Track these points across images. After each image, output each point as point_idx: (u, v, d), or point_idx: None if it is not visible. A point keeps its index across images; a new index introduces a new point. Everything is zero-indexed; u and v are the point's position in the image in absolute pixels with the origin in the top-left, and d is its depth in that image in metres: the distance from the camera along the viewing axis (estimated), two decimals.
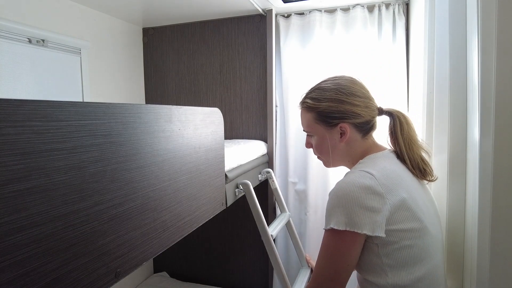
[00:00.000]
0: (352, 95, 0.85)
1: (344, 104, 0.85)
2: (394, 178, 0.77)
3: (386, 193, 0.73)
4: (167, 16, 1.87)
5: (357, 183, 0.74)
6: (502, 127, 0.70)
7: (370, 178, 0.74)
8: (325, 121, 0.88)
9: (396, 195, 0.74)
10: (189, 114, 0.93)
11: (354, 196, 0.73)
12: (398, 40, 1.66)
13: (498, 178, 0.71)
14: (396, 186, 0.75)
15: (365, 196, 0.72)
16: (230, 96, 1.93)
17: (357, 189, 0.73)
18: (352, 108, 0.85)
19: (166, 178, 0.82)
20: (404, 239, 0.73)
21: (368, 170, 0.77)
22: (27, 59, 1.35)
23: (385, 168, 0.79)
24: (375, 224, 0.71)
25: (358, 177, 0.76)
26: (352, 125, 0.86)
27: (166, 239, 0.82)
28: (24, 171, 0.48)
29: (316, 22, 1.75)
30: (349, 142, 0.88)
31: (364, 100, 0.86)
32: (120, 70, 1.90)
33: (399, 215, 0.73)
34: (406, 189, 0.77)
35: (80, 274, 0.58)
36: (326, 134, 0.89)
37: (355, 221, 0.72)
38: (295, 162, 1.83)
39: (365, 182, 0.74)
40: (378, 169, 0.78)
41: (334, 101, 0.86)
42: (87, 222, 0.59)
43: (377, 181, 0.74)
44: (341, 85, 0.87)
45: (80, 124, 0.57)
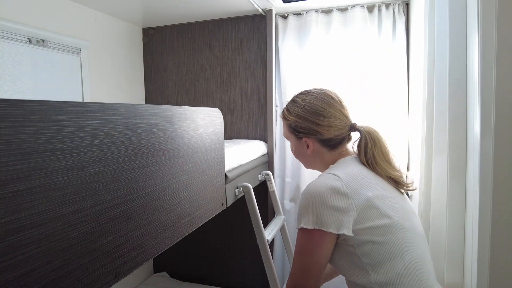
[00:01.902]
0: (316, 114, 0.90)
1: (307, 122, 0.91)
2: (359, 179, 0.81)
3: (352, 193, 0.78)
4: (167, 16, 1.87)
5: (324, 184, 0.79)
6: (502, 127, 0.70)
7: (336, 180, 0.79)
8: (293, 133, 0.96)
9: (361, 194, 0.78)
10: (189, 114, 0.93)
11: (321, 196, 0.77)
12: (398, 40, 1.65)
13: (498, 177, 0.71)
14: (361, 187, 0.79)
15: (331, 197, 0.77)
16: (230, 96, 1.93)
17: (324, 190, 0.78)
18: (314, 127, 0.90)
19: (166, 178, 0.82)
20: (376, 235, 0.76)
21: (335, 173, 0.82)
22: (27, 59, 1.35)
23: (351, 171, 0.84)
24: (340, 223, 0.76)
25: (325, 179, 0.81)
26: (316, 140, 0.92)
27: (166, 239, 0.82)
28: (24, 171, 0.48)
29: (312, 22, 1.75)
30: (316, 154, 0.94)
31: (328, 120, 0.90)
32: (120, 70, 1.90)
33: (366, 214, 0.77)
34: (371, 188, 0.81)
35: (80, 274, 0.58)
36: (296, 144, 0.97)
37: (321, 220, 0.76)
38: (292, 162, 1.84)
39: (332, 184, 0.79)
40: (345, 172, 0.83)
41: (300, 117, 0.92)
42: (87, 222, 0.59)
43: (342, 182, 0.79)
44: (309, 103, 0.92)
45: (80, 124, 0.57)
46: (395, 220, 0.78)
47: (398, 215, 0.79)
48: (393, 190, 0.86)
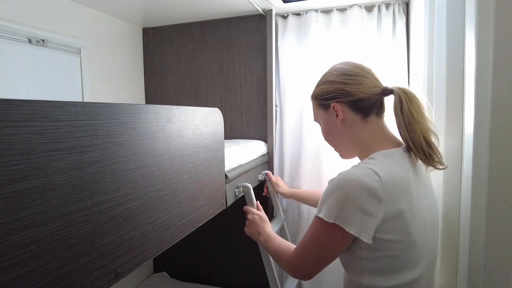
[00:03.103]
0: (342, 74, 0.85)
1: (334, 84, 0.85)
2: (401, 185, 0.73)
3: (387, 200, 0.70)
4: (167, 16, 1.87)
5: (361, 182, 0.71)
6: (498, 126, 0.70)
7: (377, 181, 0.70)
8: (321, 104, 0.89)
9: (396, 205, 0.71)
10: (189, 114, 0.93)
11: (354, 194, 0.70)
12: (399, 39, 1.66)
13: (493, 177, 0.71)
14: (399, 196, 0.72)
15: (365, 198, 0.70)
16: (230, 96, 1.93)
17: (359, 188, 0.70)
18: (341, 86, 0.84)
19: (166, 178, 0.82)
20: (389, 249, 0.72)
21: (377, 170, 0.72)
22: (27, 59, 1.35)
23: (395, 172, 0.74)
24: (364, 227, 0.70)
25: (364, 176, 0.72)
26: (345, 104, 0.84)
27: (166, 239, 0.82)
28: (24, 171, 0.48)
29: (312, 22, 1.75)
30: (348, 124, 0.85)
31: (356, 78, 0.84)
32: (120, 70, 1.90)
33: (390, 226, 0.71)
34: (409, 200, 0.73)
35: (80, 274, 0.58)
36: (326, 118, 0.89)
37: (346, 218, 0.70)
38: (291, 162, 1.84)
39: (370, 184, 0.70)
40: (387, 171, 0.73)
41: (326, 82, 0.87)
42: (87, 222, 0.59)
43: (382, 185, 0.70)
44: (334, 67, 0.88)
45: (80, 124, 0.57)
46: (413, 238, 0.73)
47: (419, 231, 0.74)
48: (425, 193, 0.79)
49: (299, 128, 1.80)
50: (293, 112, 1.81)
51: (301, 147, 1.79)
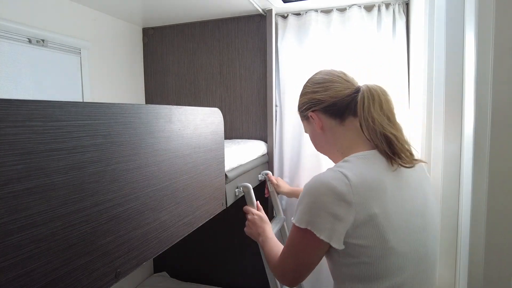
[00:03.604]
0: (313, 84, 0.89)
1: (307, 95, 0.89)
2: (373, 188, 0.70)
3: (357, 204, 0.68)
4: (167, 16, 1.87)
5: (330, 186, 0.70)
6: (498, 126, 0.69)
7: (346, 185, 0.69)
8: (302, 115, 0.93)
9: (367, 209, 0.68)
10: (189, 114, 0.93)
11: (323, 198, 0.69)
12: (399, 39, 1.66)
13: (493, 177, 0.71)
14: (371, 199, 0.69)
15: (334, 203, 0.68)
16: (230, 96, 1.93)
17: (328, 192, 0.69)
18: (312, 96, 0.87)
19: (166, 178, 0.82)
20: (364, 256, 0.70)
21: (347, 174, 0.71)
22: (27, 59, 1.35)
23: (367, 174, 0.72)
24: (334, 232, 0.69)
25: (333, 179, 0.71)
26: (319, 111, 0.87)
27: (166, 239, 0.82)
28: (24, 171, 0.48)
29: (312, 22, 1.75)
30: (328, 130, 0.87)
31: (324, 85, 0.85)
32: (120, 70, 1.90)
33: (362, 231, 0.69)
34: (383, 203, 0.70)
35: (80, 274, 0.58)
36: (309, 128, 0.93)
37: (316, 223, 0.70)
38: (291, 162, 1.84)
39: (338, 188, 0.69)
40: (359, 174, 0.71)
41: (302, 94, 0.92)
42: (87, 222, 0.59)
43: (351, 189, 0.69)
44: (309, 79, 0.92)
45: (80, 124, 0.57)
46: (390, 244, 0.69)
47: (397, 237, 0.70)
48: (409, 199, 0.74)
49: (299, 128, 1.80)
50: (293, 112, 1.81)
51: (301, 147, 1.79)
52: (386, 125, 0.76)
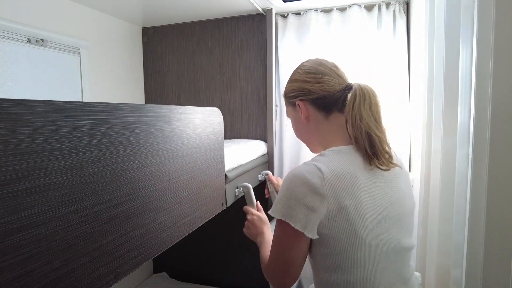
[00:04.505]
0: (305, 73, 0.87)
1: (297, 82, 0.88)
2: (345, 182, 0.73)
3: (329, 196, 0.71)
4: (167, 16, 1.87)
5: (304, 179, 0.73)
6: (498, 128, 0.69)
7: (319, 177, 0.72)
8: (288, 102, 0.92)
9: (339, 201, 0.71)
10: (189, 114, 0.93)
11: (297, 191, 0.73)
12: (399, 39, 1.66)
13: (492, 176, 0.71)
14: (343, 191, 0.72)
15: (307, 195, 0.71)
16: (230, 96, 1.93)
17: (302, 184, 0.72)
18: (303, 85, 0.86)
19: (166, 178, 0.82)
20: (336, 246, 0.73)
21: (320, 167, 0.73)
22: (27, 59, 1.35)
23: (341, 168, 0.74)
24: (308, 222, 0.72)
25: (307, 172, 0.73)
26: (307, 102, 0.86)
27: (166, 239, 0.82)
28: (23, 171, 0.48)
29: (312, 21, 1.75)
30: (312, 121, 0.88)
31: (316, 76, 0.85)
32: (120, 70, 1.90)
33: (334, 222, 0.72)
34: (355, 196, 0.72)
35: (80, 274, 0.58)
36: (294, 115, 0.92)
37: (291, 214, 0.73)
38: (291, 162, 1.84)
39: (311, 180, 0.72)
40: (333, 167, 0.74)
41: (292, 81, 0.90)
42: (86, 222, 0.59)
43: (324, 182, 0.71)
44: (301, 66, 0.90)
45: (79, 124, 0.57)
46: (360, 236, 0.71)
47: (369, 230, 0.72)
48: (381, 194, 0.76)
49: None
50: None
51: (301, 147, 1.79)
52: (372, 126, 0.78)
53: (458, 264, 0.92)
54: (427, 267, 1.28)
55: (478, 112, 0.74)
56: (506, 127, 0.68)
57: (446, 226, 1.03)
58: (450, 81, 1.00)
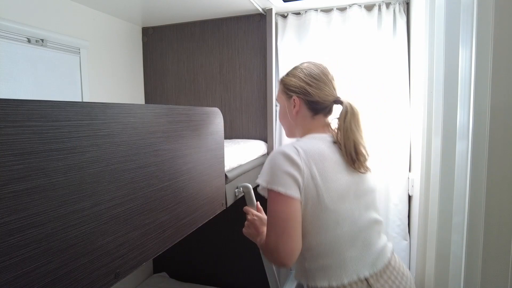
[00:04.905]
0: (309, 76, 1.00)
1: (300, 81, 1.00)
2: (315, 157, 0.89)
3: (303, 167, 0.86)
4: (167, 15, 1.87)
5: (283, 153, 0.88)
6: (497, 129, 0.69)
7: (295, 153, 0.88)
8: (285, 92, 1.04)
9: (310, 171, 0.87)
10: (189, 114, 0.93)
11: (278, 162, 0.87)
12: (399, 39, 1.65)
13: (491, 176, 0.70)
14: (313, 164, 0.88)
15: (286, 164, 0.86)
16: (230, 96, 1.93)
17: (281, 156, 0.88)
18: (305, 86, 0.99)
19: (166, 178, 0.82)
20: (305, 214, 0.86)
21: (297, 146, 0.90)
22: (26, 58, 1.35)
23: (313, 147, 0.91)
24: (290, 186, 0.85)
25: (286, 148, 0.90)
26: (303, 101, 1.00)
27: (166, 240, 0.82)
28: (23, 171, 0.48)
29: (312, 21, 1.75)
30: (300, 115, 1.02)
31: (319, 83, 0.99)
32: (120, 70, 1.90)
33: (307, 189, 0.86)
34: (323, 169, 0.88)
35: (80, 275, 0.58)
36: (285, 104, 1.05)
37: (275, 181, 0.86)
38: None
39: (289, 153, 0.87)
40: (307, 146, 0.91)
41: (295, 77, 1.02)
42: (86, 223, 0.59)
43: (299, 156, 0.87)
44: (307, 67, 1.02)
45: (79, 124, 0.57)
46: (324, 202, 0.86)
47: (331, 198, 0.87)
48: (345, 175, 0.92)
49: None
50: None
51: None
52: (358, 137, 0.95)
53: (457, 263, 0.92)
54: (427, 267, 1.28)
55: (477, 112, 0.74)
56: (505, 127, 0.68)
57: (446, 226, 1.03)
58: (450, 81, 1.00)
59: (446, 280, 1.03)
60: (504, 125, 0.68)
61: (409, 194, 1.68)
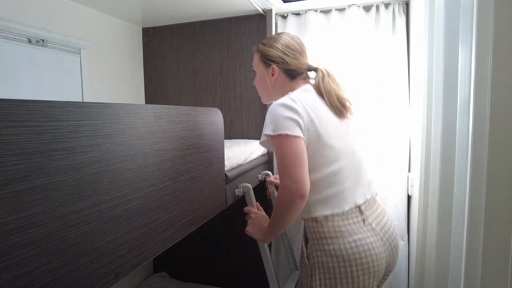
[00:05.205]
0: (287, 47, 1.11)
1: (278, 51, 1.10)
2: (309, 103, 1.00)
3: (301, 111, 0.96)
4: (167, 16, 1.87)
5: (282, 103, 0.98)
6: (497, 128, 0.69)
7: (291, 101, 0.98)
8: (264, 61, 1.13)
9: (308, 114, 0.97)
10: (189, 114, 0.93)
11: (279, 111, 0.96)
12: (398, 40, 1.65)
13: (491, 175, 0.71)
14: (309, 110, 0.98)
15: (286, 111, 0.96)
16: (230, 96, 1.93)
17: (281, 106, 0.97)
18: (282, 56, 1.10)
19: (166, 178, 0.82)
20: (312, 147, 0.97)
21: (291, 97, 1.00)
22: (27, 59, 1.35)
23: (305, 96, 1.02)
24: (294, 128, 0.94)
25: (282, 100, 0.99)
26: (281, 69, 1.10)
27: (166, 239, 0.82)
28: (24, 171, 0.48)
29: (311, 22, 1.76)
30: (279, 81, 1.12)
31: (295, 53, 1.10)
32: (120, 70, 1.90)
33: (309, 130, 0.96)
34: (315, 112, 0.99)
35: (80, 274, 0.58)
36: (263, 72, 1.14)
37: (280, 127, 0.94)
38: None
39: (287, 102, 0.97)
40: (299, 97, 1.01)
41: (273, 47, 1.11)
42: (87, 222, 0.59)
43: (295, 102, 0.97)
44: (284, 39, 1.12)
45: (80, 124, 0.57)
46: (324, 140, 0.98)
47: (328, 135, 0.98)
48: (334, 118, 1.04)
49: None
50: None
51: None
52: (339, 91, 1.07)
53: (457, 263, 0.92)
54: (427, 267, 1.28)
55: (477, 111, 0.74)
56: (505, 126, 0.68)
57: (445, 225, 1.03)
58: (449, 81, 1.00)
59: (446, 280, 1.03)
60: (504, 125, 0.68)
61: (408, 194, 1.68)
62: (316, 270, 0.97)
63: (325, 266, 0.95)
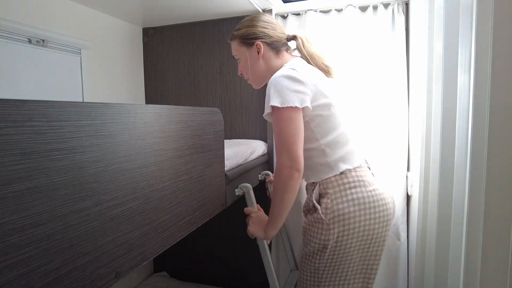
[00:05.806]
0: (261, 21, 1.16)
1: (256, 27, 1.15)
2: (308, 72, 1.04)
3: (307, 82, 1.00)
4: (167, 16, 1.87)
5: (285, 74, 0.99)
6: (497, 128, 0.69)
7: (294, 72, 1.00)
8: (245, 42, 1.17)
9: (312, 81, 1.01)
10: (189, 114, 0.93)
11: (283, 83, 0.98)
12: (398, 39, 1.65)
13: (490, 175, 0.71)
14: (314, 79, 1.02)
15: (291, 83, 0.98)
16: (230, 96, 1.93)
17: (285, 78, 0.98)
18: (262, 30, 1.14)
19: (166, 178, 0.82)
20: (322, 110, 1.02)
21: (292, 67, 1.02)
22: (27, 59, 1.35)
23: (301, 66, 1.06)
24: (302, 100, 0.97)
25: (284, 71, 1.01)
26: (265, 43, 1.14)
27: (166, 239, 0.82)
28: (24, 171, 0.48)
29: (311, 22, 1.76)
30: (266, 59, 1.16)
31: (271, 25, 1.16)
32: (120, 70, 1.90)
33: (316, 95, 1.01)
34: (316, 78, 1.04)
35: (80, 274, 0.58)
36: (248, 54, 1.17)
37: (287, 99, 0.96)
38: None
39: (291, 74, 0.99)
40: (297, 67, 1.03)
41: (249, 26, 1.16)
42: (87, 222, 0.59)
43: (298, 73, 1.00)
44: (255, 17, 1.17)
45: (80, 124, 0.58)
46: (331, 99, 1.04)
47: (332, 97, 1.05)
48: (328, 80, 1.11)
49: None
50: None
51: None
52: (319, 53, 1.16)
53: (456, 263, 0.92)
54: (426, 266, 1.28)
55: (476, 111, 0.74)
56: (504, 125, 0.68)
57: (445, 225, 1.03)
58: (449, 81, 1.00)
59: (445, 280, 1.03)
60: (504, 124, 0.68)
61: (407, 194, 1.68)
62: (335, 224, 0.99)
63: (346, 217, 0.99)
